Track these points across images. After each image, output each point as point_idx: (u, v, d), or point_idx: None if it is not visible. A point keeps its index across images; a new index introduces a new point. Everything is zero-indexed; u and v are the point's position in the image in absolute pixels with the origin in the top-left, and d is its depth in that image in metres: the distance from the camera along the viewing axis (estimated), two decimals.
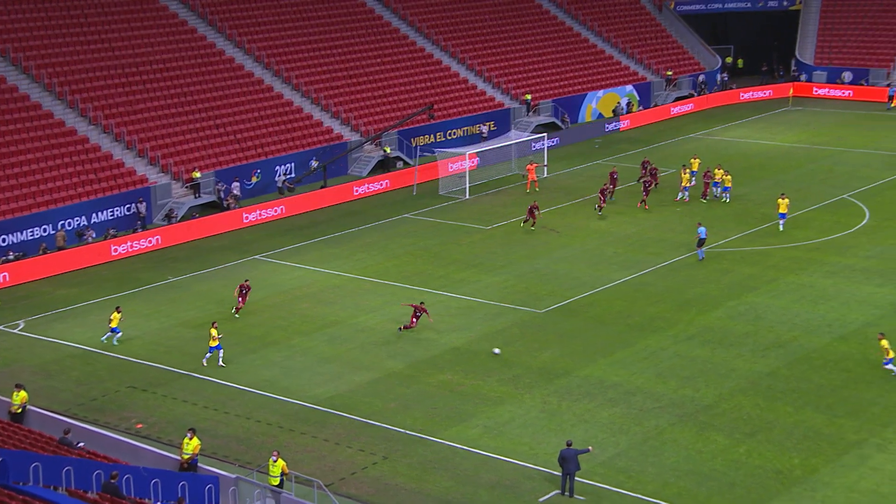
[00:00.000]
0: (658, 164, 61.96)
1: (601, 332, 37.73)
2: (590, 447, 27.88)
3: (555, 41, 78.18)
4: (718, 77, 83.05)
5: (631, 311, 39.57)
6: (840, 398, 31.84)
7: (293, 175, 59.05)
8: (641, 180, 54.23)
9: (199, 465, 27.48)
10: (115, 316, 37.83)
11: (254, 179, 57.40)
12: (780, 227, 47.55)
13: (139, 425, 31.52)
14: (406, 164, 63.08)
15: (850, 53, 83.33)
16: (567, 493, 27.02)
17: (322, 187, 57.67)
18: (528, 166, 56.96)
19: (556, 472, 27.82)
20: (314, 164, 59.37)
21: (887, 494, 26.58)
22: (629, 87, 77.22)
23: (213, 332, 35.57)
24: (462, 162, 58.98)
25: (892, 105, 74.08)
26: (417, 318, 37.61)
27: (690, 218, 49.88)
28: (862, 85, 79.87)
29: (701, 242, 44.53)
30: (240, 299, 40.06)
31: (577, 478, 27.23)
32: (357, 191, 57.74)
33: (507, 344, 36.87)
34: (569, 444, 27.36)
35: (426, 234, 50.36)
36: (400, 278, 44.03)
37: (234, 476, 26.79)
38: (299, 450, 30.04)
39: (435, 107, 65.89)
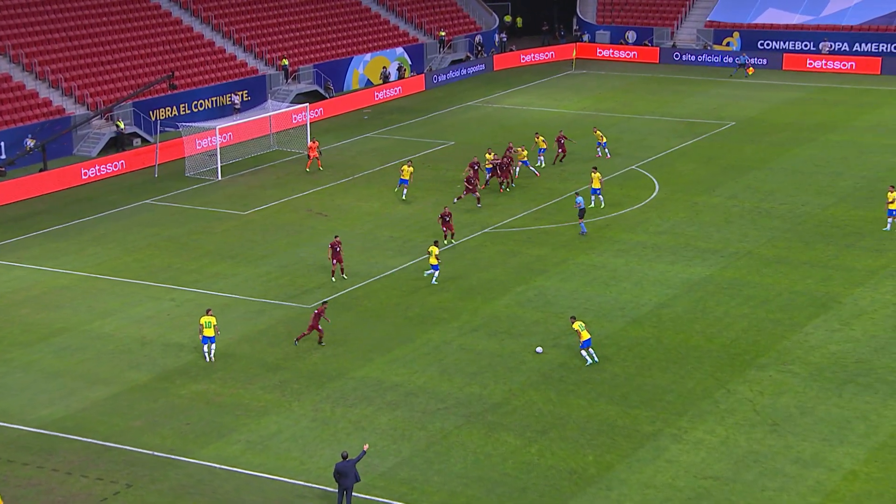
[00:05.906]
0: (436, 136, 63.03)
1: (378, 327, 38.03)
2: (365, 446, 28.03)
3: None
4: (496, 38, 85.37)
5: (410, 302, 40.09)
6: (634, 387, 33.48)
7: (4, 157, 56.46)
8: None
9: None
10: None
11: None
12: (602, 204, 49.13)
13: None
14: (145, 141, 61.45)
15: (634, 11, 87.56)
16: None
17: (41, 170, 55.46)
18: (310, 143, 56.76)
19: (331, 489, 27.88)
20: (30, 143, 56.95)
21: (682, 488, 28.20)
22: (399, 50, 78.11)
23: (210, 320, 35.34)
24: (212, 138, 58.00)
25: (749, 73, 76.51)
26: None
27: (472, 196, 51.05)
28: (646, 45, 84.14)
29: (581, 213, 45.46)
30: (333, 261, 41.43)
31: (355, 493, 27.40)
32: (86, 174, 55.83)
33: (272, 345, 36.60)
34: (344, 457, 27.46)
35: (172, 223, 49.23)
36: (143, 275, 42.87)
37: None
38: (21, 484, 28.73)
39: (177, 74, 64.39)
